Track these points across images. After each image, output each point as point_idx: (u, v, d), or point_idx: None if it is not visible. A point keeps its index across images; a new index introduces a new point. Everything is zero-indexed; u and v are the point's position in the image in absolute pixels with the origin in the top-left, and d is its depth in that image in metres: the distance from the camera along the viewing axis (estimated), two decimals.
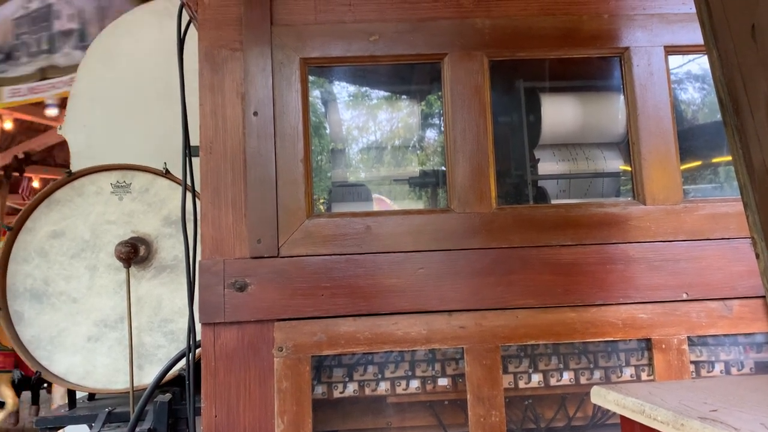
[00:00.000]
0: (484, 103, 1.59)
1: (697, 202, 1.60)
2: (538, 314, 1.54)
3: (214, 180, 1.54)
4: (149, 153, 2.55)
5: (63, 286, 2.22)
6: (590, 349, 1.63)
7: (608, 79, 1.86)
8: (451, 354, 1.59)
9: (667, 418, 0.89)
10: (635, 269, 1.56)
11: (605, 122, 1.91)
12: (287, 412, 1.47)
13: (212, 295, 1.49)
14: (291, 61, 1.57)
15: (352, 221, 1.54)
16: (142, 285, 2.23)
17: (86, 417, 2.14)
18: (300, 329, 1.50)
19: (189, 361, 1.70)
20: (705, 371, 1.62)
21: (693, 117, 2.14)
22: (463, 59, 1.60)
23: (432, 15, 1.62)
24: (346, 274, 1.52)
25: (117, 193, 2.27)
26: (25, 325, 2.19)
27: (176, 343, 2.20)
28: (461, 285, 1.53)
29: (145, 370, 2.18)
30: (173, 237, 2.25)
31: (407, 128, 2.05)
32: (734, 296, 1.57)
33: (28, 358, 2.16)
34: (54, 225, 2.24)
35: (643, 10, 1.65)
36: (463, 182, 1.56)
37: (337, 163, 2.03)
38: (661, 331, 1.55)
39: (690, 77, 2.11)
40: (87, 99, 3.05)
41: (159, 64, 2.94)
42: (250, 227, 1.52)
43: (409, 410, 1.63)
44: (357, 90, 2.11)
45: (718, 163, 2.04)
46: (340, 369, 1.59)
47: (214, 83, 1.57)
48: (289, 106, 1.56)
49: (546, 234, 1.56)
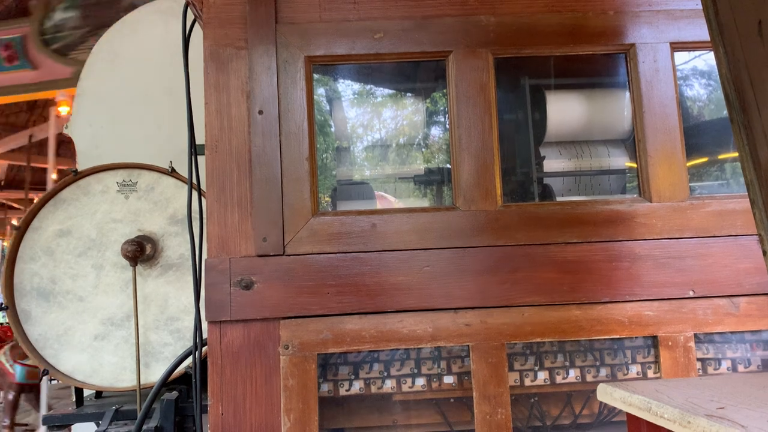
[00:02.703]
0: (490, 101, 1.58)
1: (704, 199, 1.59)
2: (544, 312, 1.53)
3: (219, 178, 1.55)
4: (155, 152, 2.56)
5: (70, 285, 2.23)
6: (596, 346, 1.63)
7: (614, 76, 1.86)
8: (457, 352, 1.59)
9: (673, 415, 0.89)
10: (641, 266, 1.55)
11: (611, 119, 1.90)
12: (293, 409, 1.48)
13: (218, 293, 1.49)
14: (296, 59, 1.57)
15: (357, 219, 1.54)
16: (148, 283, 2.24)
17: (93, 415, 2.15)
18: (306, 327, 1.50)
19: (195, 359, 1.71)
20: (712, 369, 1.62)
21: (699, 113, 2.13)
22: (468, 57, 1.59)
23: (437, 12, 1.62)
24: (351, 272, 1.52)
25: (123, 192, 2.28)
26: (33, 324, 2.20)
27: (183, 341, 2.21)
28: (467, 283, 1.53)
29: (151, 368, 2.19)
30: (179, 235, 2.25)
31: (412, 126, 2.05)
32: (741, 293, 1.56)
33: (36, 356, 2.17)
34: (60, 224, 2.25)
35: (648, 6, 1.65)
36: (468, 180, 1.56)
37: (342, 161, 2.03)
38: (667, 328, 1.54)
39: (696, 73, 2.10)
40: (93, 98, 3.06)
41: (164, 63, 2.94)
42: (255, 225, 1.52)
43: (414, 408, 1.64)
44: (362, 88, 2.11)
45: (725, 160, 2.03)
46: (346, 367, 1.59)
47: (219, 82, 1.58)
48: (294, 104, 1.56)
49: (552, 231, 1.56)
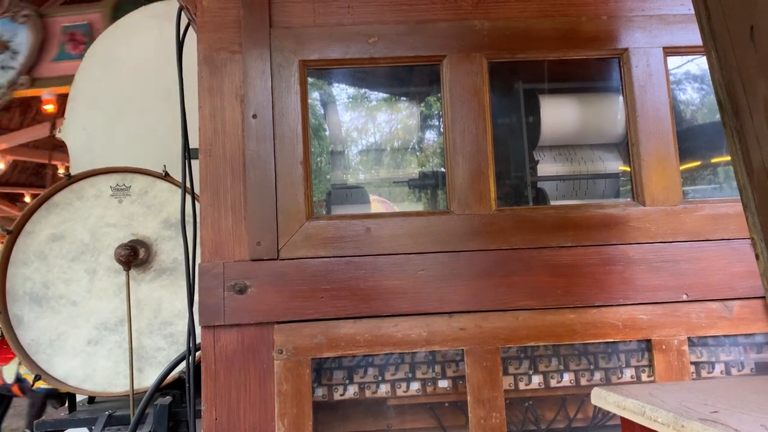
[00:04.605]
0: (484, 105, 1.59)
1: (697, 203, 1.60)
2: (538, 316, 1.54)
3: (213, 182, 1.54)
4: (148, 156, 2.56)
5: (63, 290, 2.22)
6: (590, 350, 1.63)
7: (607, 80, 1.86)
8: (452, 356, 1.59)
9: (667, 419, 0.89)
10: (635, 270, 1.56)
11: (604, 123, 1.91)
12: (287, 414, 1.47)
13: (212, 298, 1.49)
14: (290, 63, 1.57)
15: (352, 223, 1.54)
16: (141, 288, 2.23)
17: (86, 420, 2.14)
18: (300, 331, 1.50)
19: (189, 364, 1.70)
20: (705, 372, 1.62)
21: (692, 117, 2.14)
22: (462, 61, 1.60)
23: (431, 17, 1.62)
24: (346, 276, 1.52)
25: (116, 196, 2.27)
26: (25, 329, 2.19)
27: (176, 345, 2.20)
28: (461, 287, 1.53)
29: (145, 372, 2.18)
30: (173, 240, 2.25)
31: (406, 130, 2.05)
32: (734, 297, 1.56)
33: (28, 361, 2.16)
34: (53, 228, 2.24)
35: (641, 11, 1.65)
36: (462, 184, 1.56)
37: (336, 165, 2.03)
38: (661, 332, 1.55)
39: (689, 77, 2.11)
40: (86, 102, 3.06)
41: (158, 67, 2.94)
42: (249, 230, 1.52)
43: (409, 412, 1.63)
44: (356, 92, 2.11)
45: (718, 164, 2.04)
46: (340, 371, 1.59)
47: (213, 86, 1.57)
48: (288, 108, 1.56)
49: (546, 235, 1.56)
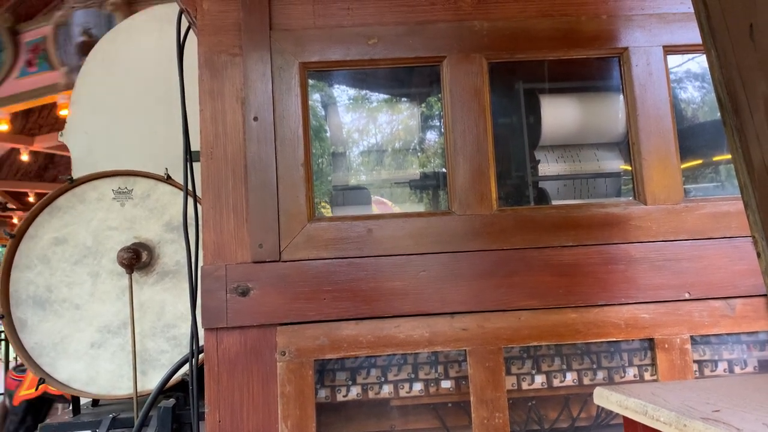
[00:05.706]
0: (484, 105, 1.59)
1: (698, 201, 1.60)
2: (540, 315, 1.54)
3: (215, 185, 1.55)
4: (150, 159, 2.56)
5: (66, 293, 2.22)
6: (593, 349, 1.63)
7: (607, 79, 1.86)
8: (454, 356, 1.59)
9: (669, 418, 0.89)
10: (637, 269, 1.56)
11: (605, 123, 1.91)
12: (291, 416, 1.47)
13: (214, 300, 1.49)
14: (290, 65, 1.57)
15: (353, 225, 1.54)
16: (144, 291, 2.23)
17: (90, 423, 2.15)
18: (302, 333, 1.50)
19: (192, 366, 1.71)
20: (708, 370, 1.62)
21: (693, 115, 2.14)
22: (462, 61, 1.60)
23: (430, 18, 1.62)
24: (348, 277, 1.52)
25: (119, 199, 2.28)
26: (29, 332, 2.19)
27: (179, 348, 2.20)
28: (463, 287, 1.53)
29: (148, 375, 2.19)
30: (175, 242, 2.25)
31: (407, 131, 2.05)
32: (736, 295, 1.56)
33: (32, 365, 2.16)
34: (56, 232, 2.24)
35: (641, 10, 1.65)
36: (463, 184, 1.56)
37: (337, 166, 2.03)
38: (663, 330, 1.55)
39: (689, 76, 2.10)
40: (88, 105, 3.06)
41: (159, 69, 2.94)
42: (251, 232, 1.52)
43: (412, 413, 1.63)
44: (357, 93, 2.11)
45: (719, 162, 2.04)
46: (343, 372, 1.59)
47: (214, 88, 1.58)
48: (289, 110, 1.56)
49: (547, 235, 1.56)
